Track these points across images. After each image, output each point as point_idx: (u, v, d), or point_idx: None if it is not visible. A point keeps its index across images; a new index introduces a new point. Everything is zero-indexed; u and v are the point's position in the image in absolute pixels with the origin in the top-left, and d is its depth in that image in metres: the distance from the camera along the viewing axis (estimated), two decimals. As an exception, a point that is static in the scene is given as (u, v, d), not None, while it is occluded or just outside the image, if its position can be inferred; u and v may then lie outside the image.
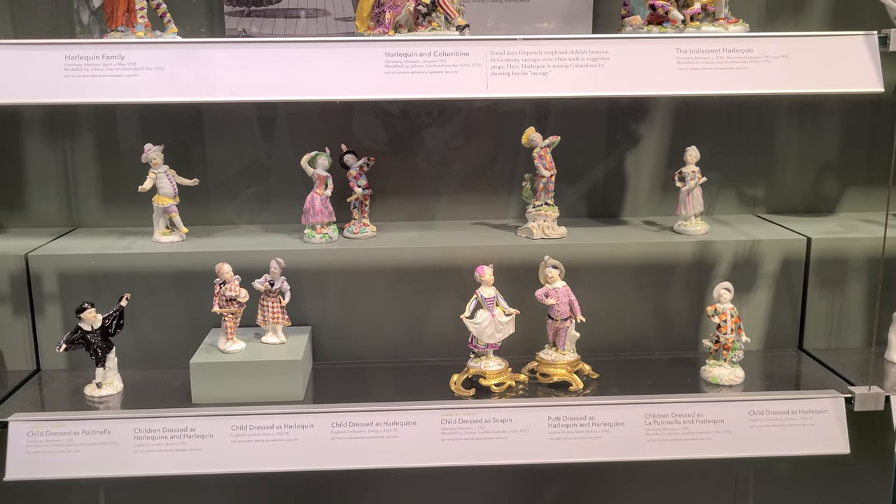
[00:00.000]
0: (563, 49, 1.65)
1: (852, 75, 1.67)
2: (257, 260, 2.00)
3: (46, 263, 2.03)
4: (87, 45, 1.61)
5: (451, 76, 1.64)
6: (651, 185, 2.39)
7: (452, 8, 1.87)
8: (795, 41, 1.67)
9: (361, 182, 2.16)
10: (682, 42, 1.67)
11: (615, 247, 2.11)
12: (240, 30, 2.19)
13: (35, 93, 1.60)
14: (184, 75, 1.61)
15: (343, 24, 2.20)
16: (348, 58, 1.63)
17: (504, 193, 2.36)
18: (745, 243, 2.11)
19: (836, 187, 2.42)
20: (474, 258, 2.01)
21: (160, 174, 2.11)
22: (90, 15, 2.16)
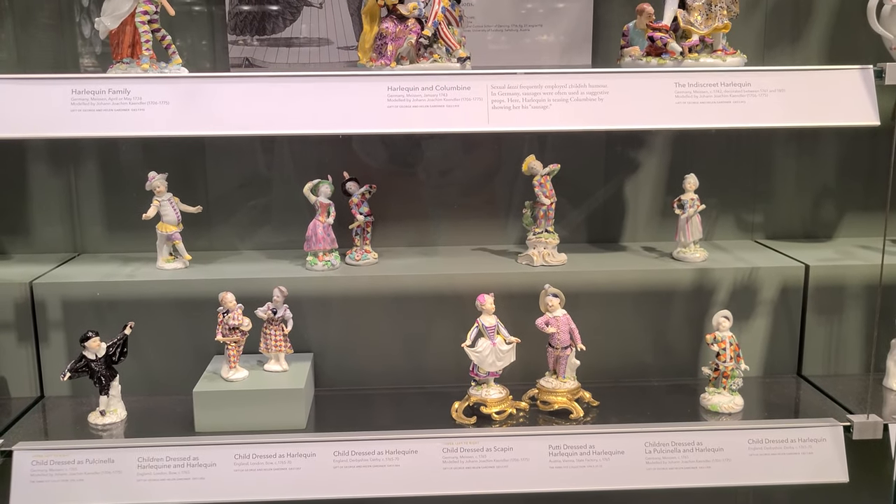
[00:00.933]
0: (563, 83, 1.67)
1: (849, 109, 1.69)
2: (260, 288, 2.01)
3: (51, 291, 2.05)
4: (94, 80, 1.63)
5: (453, 110, 1.66)
6: (650, 211, 2.41)
7: (453, 40, 1.89)
8: (792, 75, 1.70)
9: (363, 209, 2.17)
10: (680, 76, 1.69)
11: (615, 273, 2.13)
12: (243, 59, 2.22)
13: (42, 127, 1.62)
14: (189, 110, 1.63)
15: (345, 52, 2.22)
16: (351, 92, 1.66)
17: (504, 219, 2.38)
18: (744, 271, 2.13)
19: (834, 213, 2.44)
20: (475, 285, 2.03)
21: (164, 202, 2.13)
22: (91, 45, 2.18)
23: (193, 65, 2.21)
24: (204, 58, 2.25)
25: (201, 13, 2.23)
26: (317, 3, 2.20)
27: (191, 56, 2.21)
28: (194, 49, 2.23)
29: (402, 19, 1.87)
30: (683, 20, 1.93)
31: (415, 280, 2.10)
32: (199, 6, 2.23)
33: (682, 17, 1.93)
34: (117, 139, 2.26)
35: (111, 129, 1.62)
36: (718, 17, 1.92)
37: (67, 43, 2.21)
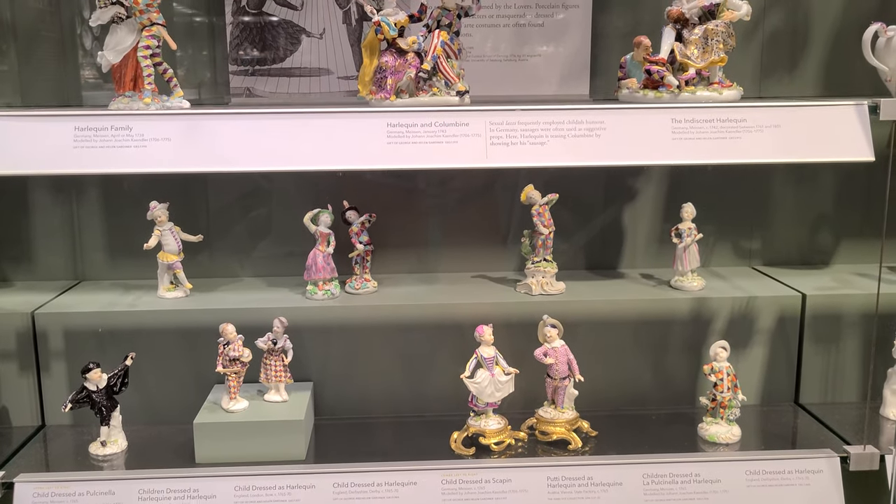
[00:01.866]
0: (560, 119, 1.69)
1: (844, 145, 1.70)
2: (260, 317, 2.02)
3: (52, 321, 2.06)
4: (96, 117, 1.65)
5: (452, 146, 1.68)
6: (648, 238, 2.42)
7: (452, 73, 1.91)
8: (788, 111, 1.71)
9: (363, 238, 2.19)
10: (676, 112, 1.71)
11: (613, 303, 2.14)
12: (244, 88, 2.23)
13: (45, 164, 1.63)
14: (190, 146, 1.65)
15: (345, 82, 2.24)
16: (351, 128, 1.67)
17: (503, 245, 2.39)
18: (742, 300, 2.14)
19: (831, 240, 2.46)
20: (474, 315, 2.05)
21: (165, 231, 2.14)
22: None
23: (195, 95, 2.24)
24: (205, 87, 2.27)
25: (203, 43, 2.25)
26: (317, 33, 2.22)
27: (192, 86, 2.23)
28: (196, 79, 2.25)
29: (401, 53, 1.89)
30: (680, 53, 1.94)
31: (414, 309, 2.11)
32: (200, 36, 2.25)
33: (679, 51, 1.95)
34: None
35: (113, 165, 1.63)
36: (715, 50, 1.94)
37: (70, 73, 2.23)
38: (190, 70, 2.23)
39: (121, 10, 1.86)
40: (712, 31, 1.93)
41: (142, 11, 1.85)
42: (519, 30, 2.24)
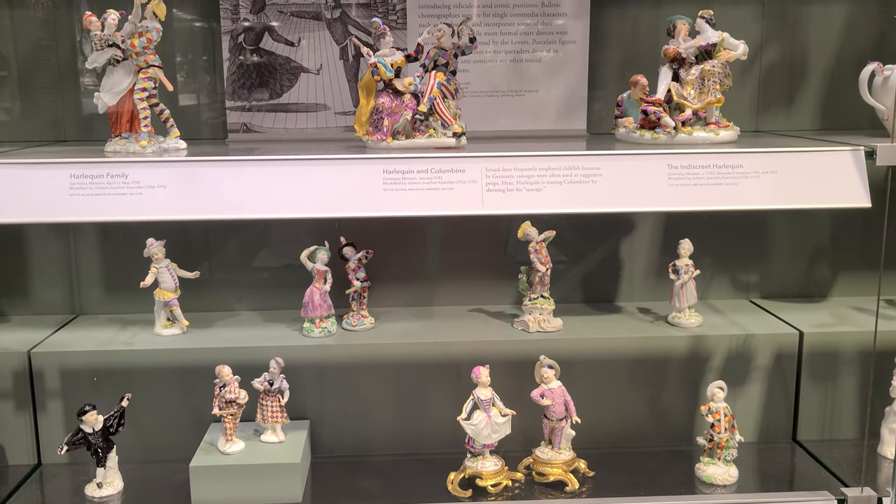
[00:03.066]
0: (557, 165, 1.69)
1: (840, 191, 1.70)
2: (257, 356, 2.02)
3: (49, 360, 2.06)
4: (92, 164, 1.65)
5: (448, 193, 1.67)
6: (646, 271, 2.42)
7: (449, 114, 1.91)
8: (784, 157, 1.71)
9: (360, 275, 2.19)
10: (673, 158, 1.70)
11: (610, 341, 2.14)
12: (241, 124, 2.23)
13: (40, 212, 1.63)
14: (186, 193, 1.65)
15: (342, 117, 2.24)
16: (347, 175, 1.67)
17: (500, 278, 2.38)
18: (739, 337, 2.14)
19: (829, 272, 2.46)
20: (471, 353, 2.05)
21: (161, 269, 2.14)
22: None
23: (192, 131, 2.24)
24: (203, 124, 2.27)
25: (200, 79, 2.25)
26: (314, 69, 2.22)
27: (190, 122, 2.22)
28: (193, 115, 2.25)
29: (398, 94, 1.89)
30: (677, 94, 1.95)
31: (411, 348, 2.11)
32: (197, 73, 2.25)
33: (676, 91, 1.95)
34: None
35: (109, 213, 1.63)
36: (711, 91, 1.94)
37: (68, 108, 2.24)
38: (187, 106, 2.23)
39: (117, 52, 1.86)
40: (709, 73, 1.94)
41: (138, 54, 1.84)
42: (516, 65, 2.24)
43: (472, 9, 2.21)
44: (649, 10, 2.27)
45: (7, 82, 2.24)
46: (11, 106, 2.25)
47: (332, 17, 2.20)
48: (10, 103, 2.25)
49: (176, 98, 2.15)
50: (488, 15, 2.21)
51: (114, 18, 1.86)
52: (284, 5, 2.18)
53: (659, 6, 2.27)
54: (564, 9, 2.21)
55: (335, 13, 2.19)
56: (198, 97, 2.26)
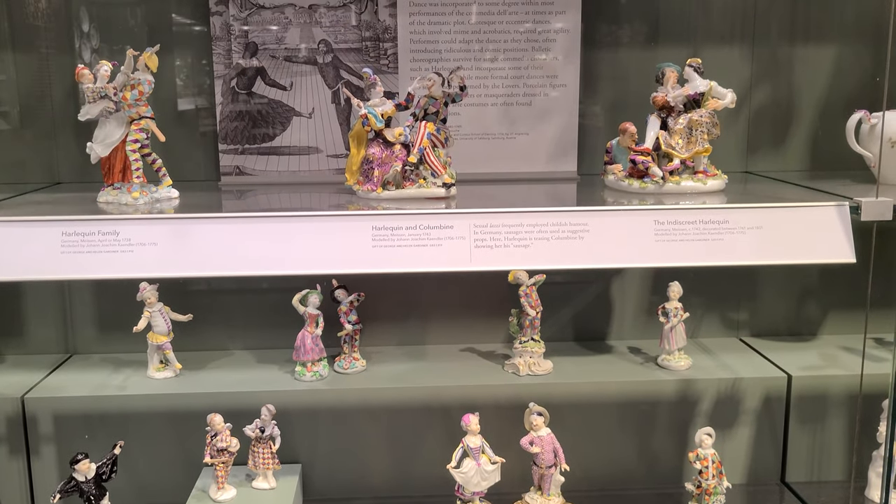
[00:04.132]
0: (544, 221, 1.70)
1: (825, 246, 1.72)
2: (249, 401, 2.04)
3: (42, 405, 2.07)
4: (83, 222, 1.66)
5: (436, 249, 1.69)
6: (636, 309, 2.44)
7: (439, 163, 1.92)
8: (769, 212, 1.73)
9: (352, 318, 2.20)
10: (659, 214, 1.72)
11: (600, 385, 2.16)
12: (234, 167, 2.25)
13: (32, 270, 1.64)
14: (177, 250, 1.66)
15: (334, 160, 2.26)
16: (337, 232, 1.68)
17: (492, 317, 2.40)
18: (728, 381, 2.16)
19: (818, 310, 2.47)
20: (462, 397, 2.08)
21: (155, 312, 2.15)
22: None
23: (185, 173, 2.25)
24: (196, 167, 2.28)
25: (193, 122, 2.27)
26: (306, 113, 2.24)
27: (182, 164, 2.24)
28: (186, 157, 2.26)
29: (388, 144, 1.91)
30: (665, 143, 1.96)
31: (402, 392, 2.13)
32: (190, 116, 2.26)
33: (664, 140, 1.97)
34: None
35: (100, 271, 1.64)
36: (699, 141, 1.96)
37: (62, 151, 2.26)
38: (181, 149, 2.24)
39: (110, 104, 1.87)
40: (697, 122, 1.95)
41: (130, 106, 1.86)
42: (507, 109, 2.26)
43: (463, 53, 2.22)
44: (639, 54, 2.29)
45: (3, 125, 2.25)
46: (7, 148, 2.26)
47: (324, 62, 2.21)
48: (5, 145, 2.26)
49: (169, 140, 2.16)
50: (479, 59, 2.23)
51: (106, 70, 1.87)
52: (277, 50, 2.20)
53: (648, 50, 2.29)
54: (555, 53, 2.22)
55: (327, 58, 2.21)
56: (191, 140, 2.27)
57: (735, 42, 2.30)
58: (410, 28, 2.20)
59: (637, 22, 2.28)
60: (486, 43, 2.22)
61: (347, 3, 2.18)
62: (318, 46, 2.20)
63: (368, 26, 2.20)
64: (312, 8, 2.18)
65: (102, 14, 2.22)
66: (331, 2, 2.18)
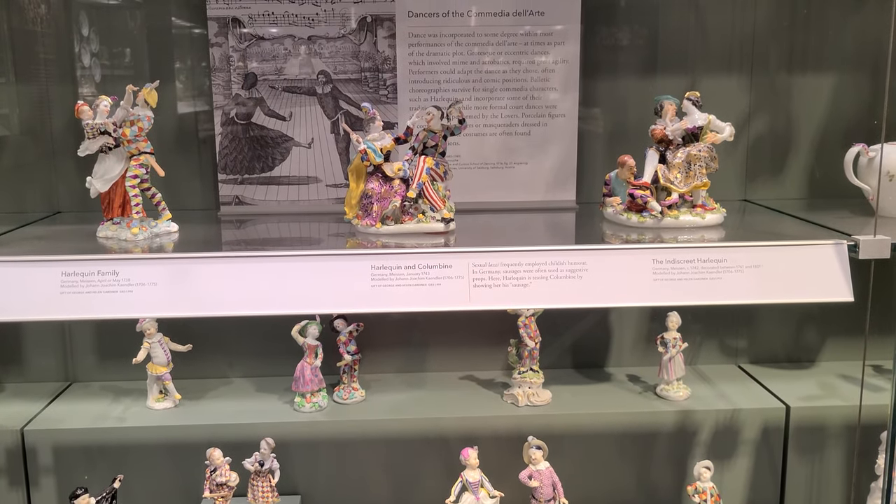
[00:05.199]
0: (543, 260, 1.70)
1: (822, 285, 1.72)
2: (248, 433, 2.05)
3: (42, 438, 2.08)
4: (83, 262, 1.66)
5: (435, 289, 1.69)
6: (635, 336, 2.44)
7: (437, 198, 1.93)
8: (767, 251, 1.73)
9: (351, 348, 2.20)
10: (658, 253, 1.72)
11: (598, 416, 2.16)
12: (233, 196, 2.25)
13: (31, 311, 1.64)
14: (176, 290, 1.66)
15: (333, 189, 2.26)
16: (337, 271, 1.68)
17: (490, 345, 2.40)
18: (726, 412, 2.16)
19: (816, 337, 2.47)
20: (461, 429, 2.09)
21: (154, 344, 2.16)
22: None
23: (185, 202, 2.26)
24: (195, 196, 2.29)
25: (192, 152, 2.27)
26: (305, 143, 2.24)
27: (182, 194, 2.24)
28: (186, 187, 2.27)
29: (387, 179, 1.91)
30: (664, 177, 1.97)
31: (401, 424, 2.13)
32: (190, 146, 2.27)
33: (663, 174, 1.97)
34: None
35: (99, 311, 1.65)
36: (698, 175, 1.96)
37: (61, 181, 2.26)
38: (180, 178, 2.24)
39: (109, 140, 1.87)
40: (695, 157, 1.96)
41: (130, 142, 1.87)
42: (506, 139, 2.26)
43: (462, 83, 2.22)
44: (637, 84, 2.29)
45: (3, 153, 2.25)
46: (7, 177, 2.26)
47: (324, 92, 2.22)
48: (5, 174, 2.26)
49: (169, 170, 2.16)
50: (478, 89, 2.23)
51: (105, 105, 1.88)
52: (276, 80, 2.20)
53: (647, 79, 2.29)
54: (554, 84, 2.23)
55: (326, 88, 2.21)
56: (191, 169, 2.28)
57: (734, 71, 2.31)
58: (409, 59, 2.20)
59: (636, 52, 2.29)
60: (486, 73, 2.22)
61: (347, 34, 2.19)
62: (318, 77, 2.20)
63: (368, 57, 2.20)
64: (312, 39, 2.18)
65: (103, 47, 2.22)
66: (330, 33, 2.18)
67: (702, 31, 2.29)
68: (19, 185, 2.27)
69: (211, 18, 2.16)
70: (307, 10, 2.16)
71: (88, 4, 2.20)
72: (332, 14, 2.17)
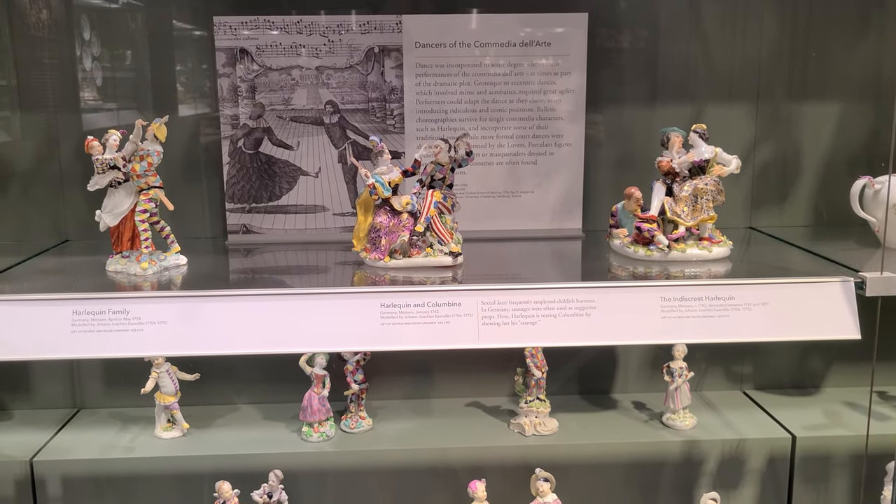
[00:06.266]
0: (551, 298, 1.71)
1: (829, 322, 1.73)
2: (257, 464, 2.06)
3: (51, 468, 2.08)
4: (94, 300, 1.67)
5: (444, 327, 1.70)
6: (641, 362, 2.45)
7: (445, 231, 1.94)
8: (775, 288, 1.74)
9: (358, 377, 2.21)
10: (665, 290, 1.73)
11: (604, 446, 2.17)
12: (241, 225, 2.26)
13: (42, 349, 1.65)
14: (186, 329, 1.67)
15: (341, 218, 2.27)
16: (346, 309, 1.69)
17: (496, 371, 2.40)
18: (732, 442, 2.17)
19: (821, 363, 2.48)
20: (468, 459, 2.10)
21: (162, 373, 2.16)
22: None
23: (193, 230, 2.27)
24: (203, 225, 2.29)
25: (200, 182, 2.28)
26: (313, 172, 2.25)
27: (190, 222, 2.25)
28: (194, 215, 2.28)
29: (395, 212, 1.92)
30: (670, 210, 1.98)
31: (408, 454, 2.13)
32: (198, 176, 2.28)
33: (670, 207, 1.98)
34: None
35: (110, 350, 1.66)
36: (705, 208, 1.97)
37: (68, 209, 2.27)
38: (188, 208, 2.25)
39: (118, 174, 1.89)
40: (702, 191, 1.96)
41: (139, 176, 1.88)
42: (513, 168, 2.27)
43: (469, 113, 2.23)
44: (643, 113, 2.30)
45: (12, 184, 2.26)
46: (15, 205, 2.27)
47: (331, 122, 2.22)
48: (14, 202, 2.27)
49: (177, 199, 2.17)
50: (485, 119, 2.24)
51: (115, 139, 1.89)
52: (284, 111, 2.21)
53: (652, 109, 2.30)
54: (560, 113, 2.24)
55: (333, 118, 2.22)
56: (199, 198, 2.29)
57: (739, 100, 2.32)
58: (416, 89, 2.21)
59: (642, 81, 2.30)
60: (492, 103, 2.23)
61: (354, 64, 2.19)
62: (325, 107, 2.21)
63: (375, 87, 2.21)
64: (319, 69, 2.19)
65: (110, 77, 2.23)
66: (337, 63, 2.19)
67: (708, 60, 2.29)
68: (27, 212, 2.28)
69: (219, 49, 2.17)
70: (315, 40, 2.17)
71: (93, 43, 2.21)
72: (339, 45, 2.18)
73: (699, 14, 2.27)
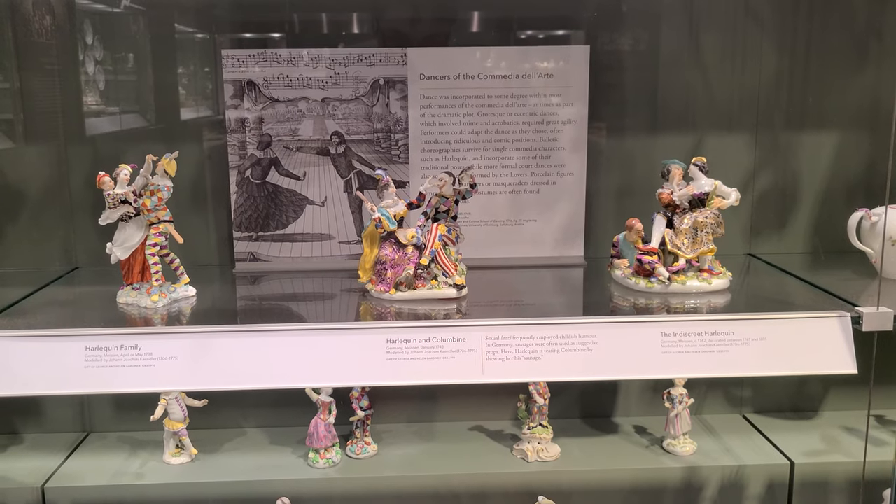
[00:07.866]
0: (554, 333, 1.75)
1: (826, 357, 1.76)
2: (264, 490, 2.10)
3: (62, 495, 2.12)
4: (106, 336, 1.71)
5: (449, 362, 1.73)
6: (642, 387, 2.48)
7: (450, 263, 1.97)
8: (773, 323, 1.77)
9: (363, 403, 2.25)
10: (666, 326, 1.76)
11: (606, 472, 2.20)
12: (248, 253, 2.30)
13: (56, 385, 1.69)
14: (197, 364, 1.70)
15: (346, 246, 2.31)
16: (353, 345, 1.73)
17: (499, 394, 2.44)
18: (731, 468, 2.20)
19: (820, 387, 2.52)
20: (471, 485, 2.13)
21: (171, 400, 2.20)
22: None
23: (202, 257, 2.30)
24: (211, 253, 2.33)
25: (208, 211, 2.32)
26: (319, 201, 2.29)
27: (199, 250, 2.29)
28: (201, 244, 2.31)
29: (400, 245, 1.96)
30: (671, 243, 2.01)
31: (413, 480, 2.17)
32: (205, 205, 2.31)
33: (670, 240, 2.01)
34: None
35: (122, 385, 1.69)
36: (704, 241, 2.00)
37: (78, 236, 2.31)
38: (197, 236, 2.28)
39: (129, 209, 1.92)
40: (702, 224, 2.00)
41: (150, 211, 1.91)
42: (516, 197, 2.30)
43: (472, 143, 2.27)
44: (644, 142, 2.34)
45: (22, 209, 2.30)
46: (25, 232, 2.31)
47: (337, 153, 2.26)
48: (24, 229, 2.30)
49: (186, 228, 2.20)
50: (488, 149, 2.28)
51: (126, 174, 1.92)
52: (290, 141, 2.25)
53: (653, 138, 2.34)
54: (562, 143, 2.27)
55: (339, 149, 2.26)
56: (207, 227, 2.32)
57: (739, 129, 2.35)
58: (421, 120, 2.25)
59: (643, 111, 2.33)
60: (496, 134, 2.27)
61: (360, 96, 2.23)
62: (331, 138, 2.25)
63: (380, 118, 2.25)
64: (325, 101, 2.23)
65: (117, 104, 2.27)
66: (343, 95, 2.23)
67: (708, 91, 2.33)
68: (37, 239, 2.31)
69: (227, 81, 2.21)
70: (321, 73, 2.21)
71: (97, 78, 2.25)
72: (345, 77, 2.21)
73: (699, 46, 2.31)
